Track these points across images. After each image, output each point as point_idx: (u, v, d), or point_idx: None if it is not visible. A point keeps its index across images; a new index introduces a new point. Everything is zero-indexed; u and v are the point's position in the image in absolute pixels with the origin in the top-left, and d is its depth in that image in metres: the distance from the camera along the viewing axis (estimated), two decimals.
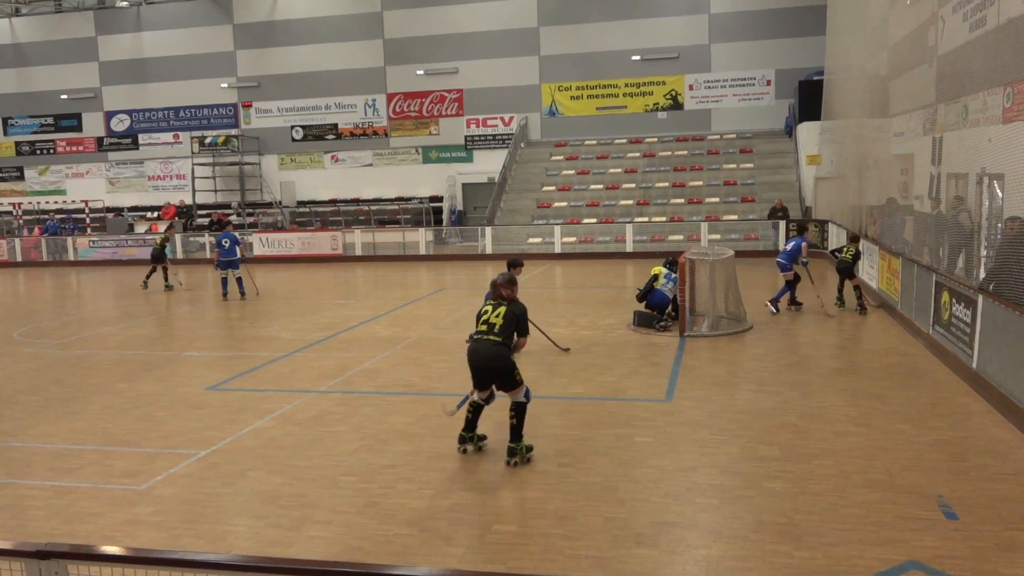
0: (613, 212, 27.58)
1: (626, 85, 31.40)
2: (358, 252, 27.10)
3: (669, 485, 6.56)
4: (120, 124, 36.32)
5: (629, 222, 25.93)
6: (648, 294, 13.25)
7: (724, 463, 7.01)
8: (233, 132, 34.42)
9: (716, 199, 27.25)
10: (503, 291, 7.68)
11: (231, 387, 10.26)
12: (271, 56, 34.08)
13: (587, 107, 31.85)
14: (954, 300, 10.01)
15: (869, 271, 15.82)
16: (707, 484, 6.55)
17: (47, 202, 36.20)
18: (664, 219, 26.49)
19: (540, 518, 6.00)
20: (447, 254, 27.10)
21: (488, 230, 26.69)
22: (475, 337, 7.46)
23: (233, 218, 33.19)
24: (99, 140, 36.67)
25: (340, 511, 6.24)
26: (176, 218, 33.04)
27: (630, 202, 27.87)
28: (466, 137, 32.89)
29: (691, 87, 30.90)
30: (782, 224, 24.01)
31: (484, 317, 7.47)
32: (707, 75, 30.67)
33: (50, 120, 37.07)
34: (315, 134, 34.27)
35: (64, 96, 36.47)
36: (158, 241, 21.99)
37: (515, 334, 7.37)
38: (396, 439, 7.92)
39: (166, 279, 21.29)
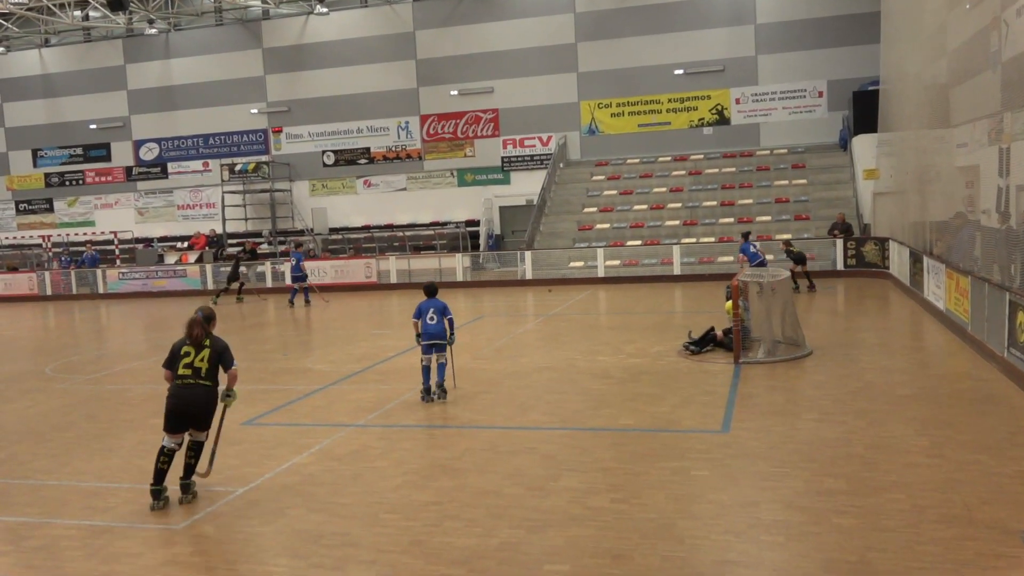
0: (659, 233, 27.49)
1: (669, 100, 31.42)
2: (393, 279, 27.32)
3: (730, 521, 6.47)
4: (149, 153, 37.20)
5: (676, 243, 25.82)
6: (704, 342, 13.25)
7: (788, 497, 6.90)
8: (263, 158, 35.07)
9: (767, 217, 27.03)
10: (198, 330, 7.68)
11: (267, 421, 10.37)
12: (301, 80, 34.74)
13: (629, 124, 31.91)
14: None
15: (935, 291, 15.56)
16: (771, 520, 6.46)
17: (76, 234, 37.10)
18: (713, 239, 26.34)
19: (594, 557, 5.96)
20: (485, 280, 27.21)
21: (527, 254, 26.75)
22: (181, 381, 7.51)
23: (264, 247, 33.72)
24: (128, 170, 37.58)
25: (384, 550, 6.26)
26: (207, 248, 33.62)
27: (676, 222, 27.76)
28: (503, 158, 33.11)
29: (738, 101, 30.83)
30: (840, 243, 23.71)
31: (191, 359, 7.55)
32: (754, 88, 30.59)
33: (79, 151, 38.11)
34: (347, 159, 34.76)
35: (93, 126, 37.49)
36: (237, 260, 26.01)
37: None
38: (439, 474, 7.93)
39: (240, 292, 25.48)
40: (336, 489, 7.65)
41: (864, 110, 25.81)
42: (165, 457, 7.49)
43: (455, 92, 33.18)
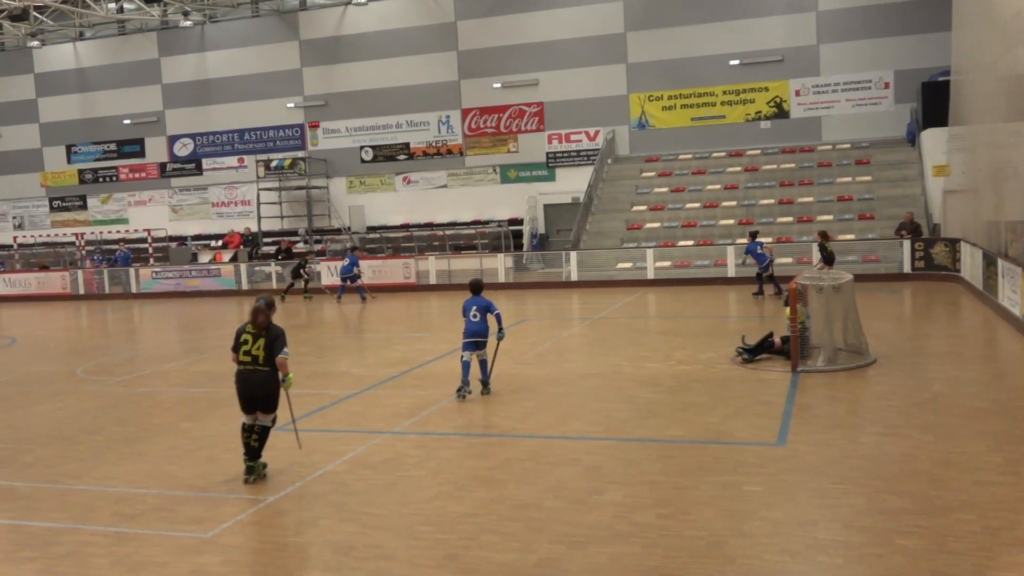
0: (712, 233, 27.23)
1: (724, 93, 31.12)
2: (432, 280, 27.43)
3: (785, 541, 6.36)
4: (183, 149, 37.86)
5: (730, 244, 25.54)
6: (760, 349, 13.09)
7: (848, 516, 6.77)
8: (300, 154, 35.47)
9: (829, 216, 26.62)
10: (262, 317, 8.46)
11: (299, 427, 10.40)
12: (339, 73, 35.08)
13: (681, 118, 31.67)
14: None
15: (1011, 296, 15.17)
16: (829, 540, 6.33)
17: (109, 231, 37.91)
18: (770, 240, 25.94)
19: None
20: (528, 282, 27.19)
21: (573, 255, 26.67)
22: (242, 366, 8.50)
23: (300, 246, 34.09)
24: (162, 166, 38.29)
25: (418, 564, 6.26)
26: (241, 246, 34.10)
27: (731, 222, 27.48)
28: (547, 154, 33.07)
29: (797, 93, 30.42)
30: (907, 244, 23.28)
31: (252, 346, 8.42)
32: (816, 79, 30.15)
33: (113, 146, 38.93)
34: (386, 154, 35.01)
35: (127, 121, 38.27)
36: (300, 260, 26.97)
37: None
38: (477, 485, 7.92)
39: (306, 289, 26.50)
40: (369, 499, 7.68)
41: (934, 102, 25.33)
42: (246, 433, 8.51)
43: (498, 85, 33.22)
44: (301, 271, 26.30)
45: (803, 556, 6.10)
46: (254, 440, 8.46)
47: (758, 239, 21.77)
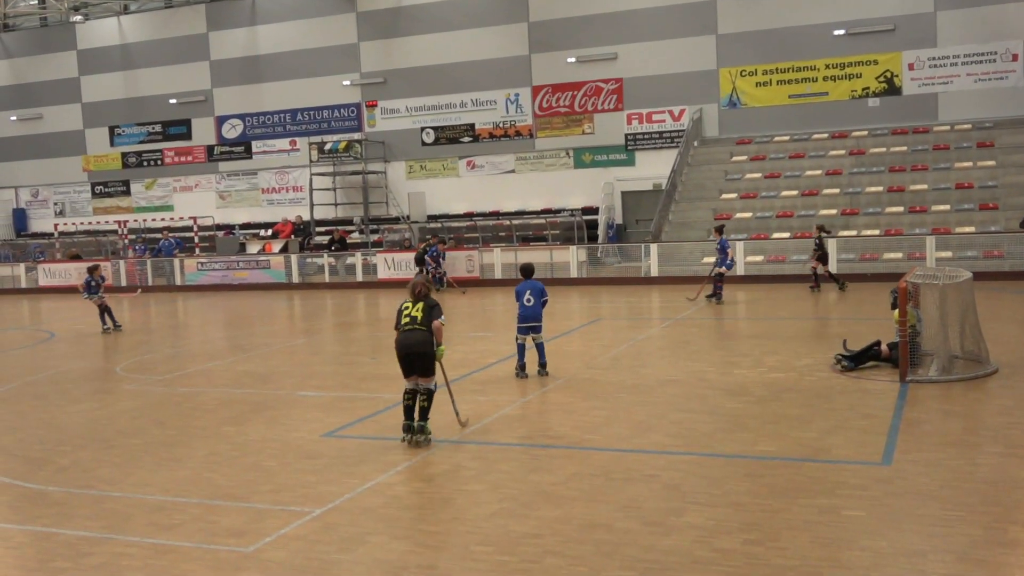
0: (811, 224, 26.71)
1: (827, 67, 30.58)
2: (497, 275, 27.52)
3: (889, 574, 6.20)
4: (232, 130, 38.68)
5: (833, 237, 25.08)
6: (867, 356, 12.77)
7: (962, 547, 6.57)
8: (356, 136, 35.95)
9: (946, 206, 26.05)
10: (418, 290, 10.11)
11: (350, 434, 10.56)
12: (399, 48, 35.43)
13: (777, 95, 31.20)
14: None
15: None
16: (940, 574, 6.15)
17: (153, 219, 38.93)
18: (878, 233, 25.52)
19: None
20: (603, 277, 27.09)
21: (653, 248, 26.49)
22: (404, 328, 9.93)
23: (355, 235, 34.54)
24: (209, 149, 39.20)
25: None
26: (293, 236, 34.69)
27: (833, 212, 27.03)
28: (626, 136, 32.91)
29: (911, 66, 29.73)
30: None
31: (411, 311, 9.98)
32: (932, 51, 29.43)
33: (158, 127, 40.00)
34: (448, 136, 35.24)
35: (173, 100, 39.28)
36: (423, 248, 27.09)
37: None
38: (541, 502, 7.89)
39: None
40: (423, 515, 7.72)
41: None
42: (407, 395, 9.93)
43: (572, 59, 33.15)
44: (426, 258, 26.38)
45: None
46: (422, 401, 9.83)
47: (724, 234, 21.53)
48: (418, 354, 9.78)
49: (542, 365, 13.10)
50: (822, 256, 21.94)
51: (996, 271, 22.58)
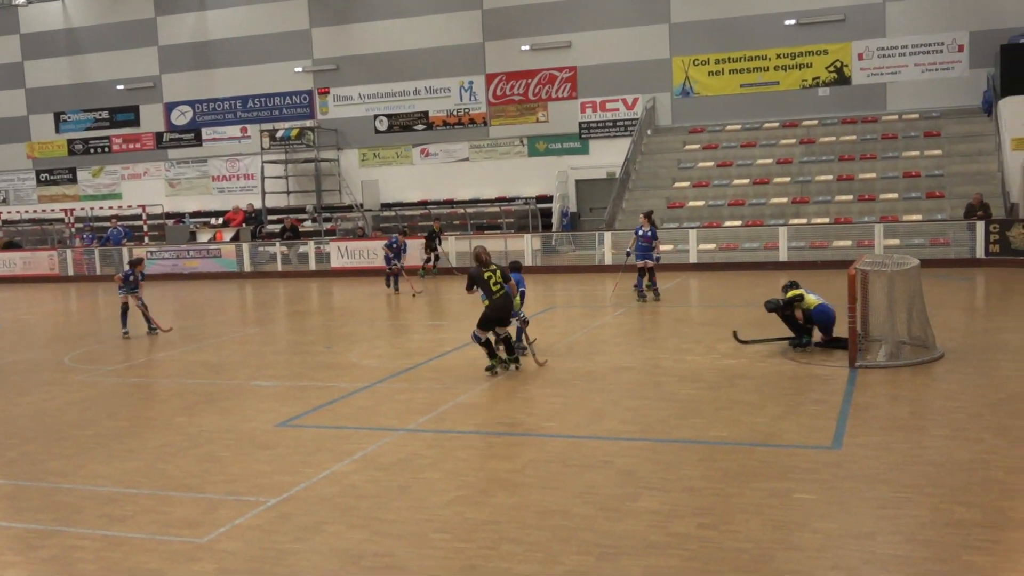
0: (762, 213, 27.07)
1: (778, 56, 30.86)
2: (452, 263, 27.47)
3: (839, 555, 6.32)
4: (181, 117, 38.13)
5: (783, 225, 25.39)
6: (790, 305, 13.16)
7: (910, 528, 6.72)
8: (308, 124, 35.63)
9: (894, 195, 26.44)
10: (486, 257, 12.59)
11: (305, 423, 10.52)
12: (351, 34, 35.14)
13: (729, 84, 31.45)
14: None
15: None
16: (888, 555, 6.29)
17: (101, 208, 38.27)
18: (827, 221, 25.85)
19: None
20: (558, 265, 27.16)
21: (607, 236, 26.60)
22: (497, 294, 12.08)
23: (308, 224, 34.27)
24: (158, 136, 38.61)
25: (432, 575, 6.28)
26: (244, 224, 34.32)
27: (784, 200, 27.32)
28: (580, 124, 32.98)
29: (860, 56, 30.11)
30: (980, 225, 23.01)
31: (496, 278, 12.21)
32: (881, 41, 29.83)
33: (105, 114, 39.29)
34: (402, 124, 35.06)
35: (120, 87, 38.60)
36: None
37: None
38: (498, 489, 7.93)
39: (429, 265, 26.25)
40: (380, 503, 7.71)
41: (1014, 67, 25.10)
42: (487, 345, 12.28)
43: (527, 47, 33.13)
44: (436, 243, 26.56)
45: (859, 572, 6.06)
46: (502, 342, 12.33)
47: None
48: (507, 310, 12.20)
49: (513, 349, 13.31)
50: None
51: (942, 258, 22.99)
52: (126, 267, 18.20)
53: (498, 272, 12.27)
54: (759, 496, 7.49)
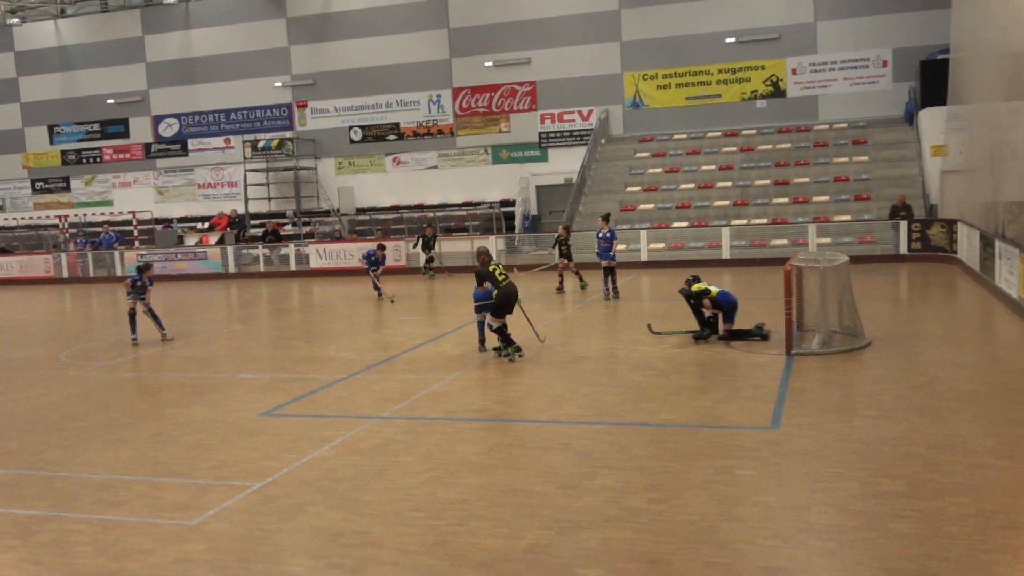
0: (707, 214, 27.23)
1: (720, 71, 31.04)
2: (422, 263, 27.33)
3: (778, 525, 6.39)
4: (168, 129, 37.64)
5: (725, 225, 25.55)
6: (708, 307, 13.39)
7: (842, 500, 6.81)
8: (287, 135, 35.31)
9: (825, 198, 26.67)
10: (486, 257, 13.09)
11: (287, 412, 10.46)
12: (327, 52, 34.87)
13: (676, 97, 31.59)
14: None
15: (1008, 278, 15.22)
16: (822, 524, 6.37)
17: (93, 214, 37.72)
18: (765, 221, 26.03)
19: (630, 562, 5.92)
20: (520, 263, 27.12)
21: None
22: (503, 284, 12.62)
23: (288, 228, 34.00)
24: (147, 147, 38.08)
25: (407, 551, 6.27)
26: (228, 229, 33.97)
27: (726, 203, 27.49)
28: (540, 134, 32.98)
29: (794, 71, 30.35)
30: (903, 225, 23.32)
31: (499, 271, 12.81)
32: (813, 57, 30.09)
33: (96, 127, 38.68)
34: (375, 135, 34.86)
35: (110, 100, 38.01)
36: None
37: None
38: (467, 471, 7.93)
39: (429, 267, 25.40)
40: (358, 485, 7.69)
41: (932, 81, 25.32)
42: (500, 332, 12.60)
43: (490, 63, 33.07)
44: (432, 246, 25.56)
45: (796, 540, 6.13)
46: (506, 330, 12.59)
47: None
48: (515, 299, 12.68)
49: (481, 342, 13.41)
50: (565, 253, 20.86)
51: (869, 255, 23.23)
52: (134, 272, 16.61)
53: (500, 266, 13.05)
54: (705, 473, 7.55)
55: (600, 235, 19.08)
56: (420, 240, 25.73)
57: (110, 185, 38.94)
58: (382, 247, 21.84)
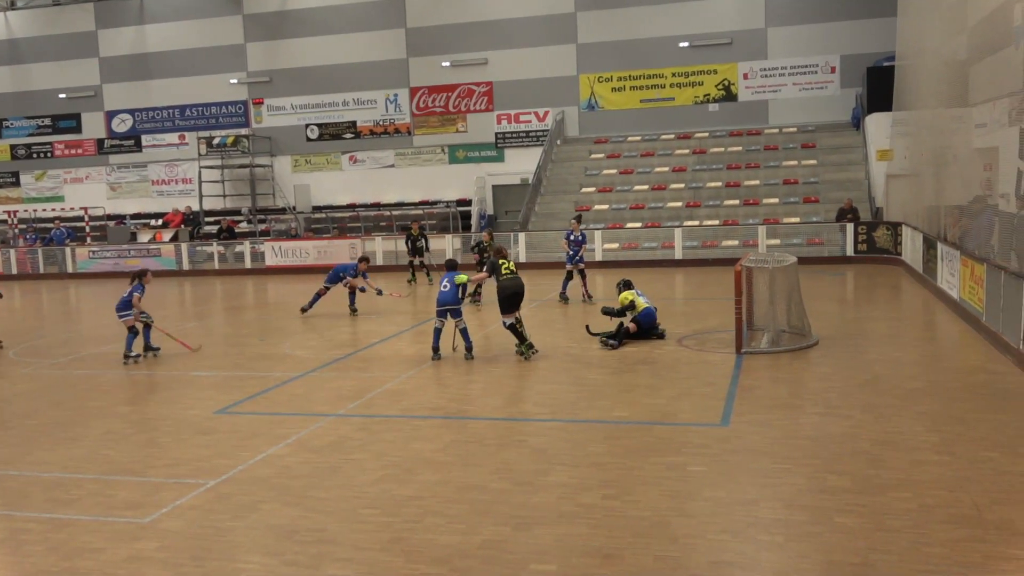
0: (660, 215, 27.45)
1: (673, 75, 31.30)
2: (379, 261, 27.22)
3: (727, 520, 6.47)
4: (122, 125, 36.97)
5: (678, 226, 25.79)
6: (623, 313, 13.59)
7: (789, 495, 6.91)
8: (243, 132, 34.88)
9: (775, 200, 27.02)
10: (506, 251, 13.14)
11: (242, 410, 10.34)
12: (284, 49, 34.51)
13: (630, 99, 31.80)
14: None
15: (949, 279, 15.57)
16: (770, 519, 6.46)
17: (44, 210, 36.90)
18: (717, 223, 26.31)
19: (583, 556, 5.96)
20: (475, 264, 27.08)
21: (521, 236, 26.70)
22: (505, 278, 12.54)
23: (243, 225, 33.60)
24: (99, 142, 37.36)
25: (362, 547, 6.24)
26: (182, 226, 33.48)
27: (679, 204, 27.73)
28: (496, 134, 32.99)
29: (746, 76, 30.72)
30: (850, 227, 23.74)
31: (508, 266, 12.72)
32: (764, 62, 30.48)
33: (47, 121, 37.85)
34: (332, 133, 34.59)
35: (62, 95, 37.22)
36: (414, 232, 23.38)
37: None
38: (422, 468, 7.92)
39: (415, 274, 23.15)
40: (313, 482, 7.64)
41: (878, 87, 25.76)
42: (514, 328, 12.58)
43: (447, 64, 33.00)
44: (418, 244, 23.12)
45: (744, 535, 6.22)
46: (521, 327, 12.49)
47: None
48: (522, 294, 12.61)
49: (468, 348, 12.68)
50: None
51: (817, 256, 23.57)
52: (134, 282, 14.16)
53: (512, 262, 12.96)
54: (657, 469, 7.62)
55: (571, 237, 18.51)
56: (407, 240, 23.43)
57: (61, 181, 38.12)
58: (365, 260, 18.66)
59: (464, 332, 12.74)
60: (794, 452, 7.92)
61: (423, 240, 23.36)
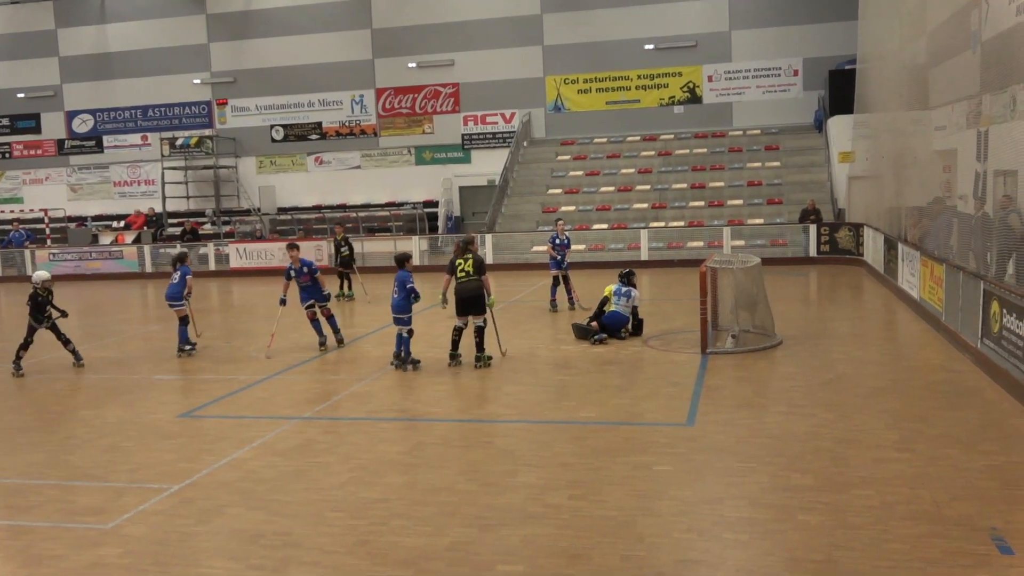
0: (626, 217, 27.57)
1: (639, 77, 31.46)
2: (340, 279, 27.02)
3: (693, 519, 6.52)
4: (83, 125, 36.45)
5: (644, 227, 25.92)
6: (600, 316, 13.72)
7: (753, 494, 6.97)
8: (207, 133, 34.53)
9: (739, 201, 27.25)
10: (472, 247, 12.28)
11: (206, 414, 10.24)
12: (248, 49, 34.21)
13: (596, 101, 31.91)
14: (1005, 311, 9.97)
15: (910, 279, 15.80)
16: (735, 517, 6.51)
17: (2, 211, 36.29)
18: (682, 224, 26.47)
19: (550, 557, 5.97)
20: (443, 264, 27.00)
21: (488, 237, 26.69)
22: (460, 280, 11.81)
23: (208, 227, 33.27)
24: (59, 143, 36.80)
25: (328, 551, 6.21)
26: (145, 227, 33.07)
27: (644, 205, 27.87)
28: (463, 136, 32.95)
29: (710, 78, 30.96)
30: (813, 228, 24.01)
31: (464, 267, 11.80)
32: (728, 65, 30.73)
33: (6, 121, 37.22)
34: (297, 134, 34.36)
35: (21, 95, 36.61)
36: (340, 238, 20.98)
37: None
38: (388, 470, 7.89)
39: (349, 287, 20.53)
40: (278, 486, 7.58)
41: (840, 90, 26.06)
42: (455, 333, 12.08)
43: (413, 65, 32.91)
44: (342, 251, 20.85)
45: (710, 533, 6.26)
46: (476, 336, 11.84)
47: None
48: (473, 299, 11.77)
49: (395, 355, 12.23)
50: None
51: (781, 257, 23.78)
52: (177, 266, 14.14)
53: (472, 262, 11.83)
54: (624, 469, 7.65)
55: (557, 241, 17.47)
56: (333, 245, 21.51)
57: (20, 182, 37.49)
58: (294, 246, 16.06)
59: (399, 338, 12.16)
60: (759, 451, 8.00)
61: (348, 247, 20.75)
